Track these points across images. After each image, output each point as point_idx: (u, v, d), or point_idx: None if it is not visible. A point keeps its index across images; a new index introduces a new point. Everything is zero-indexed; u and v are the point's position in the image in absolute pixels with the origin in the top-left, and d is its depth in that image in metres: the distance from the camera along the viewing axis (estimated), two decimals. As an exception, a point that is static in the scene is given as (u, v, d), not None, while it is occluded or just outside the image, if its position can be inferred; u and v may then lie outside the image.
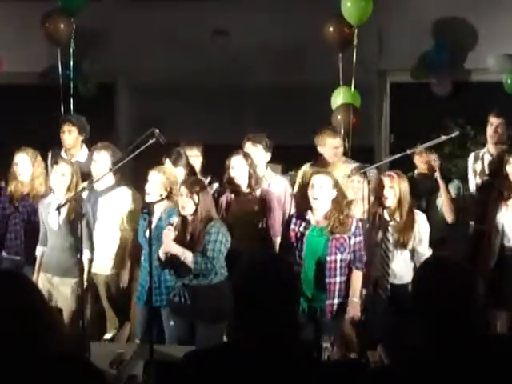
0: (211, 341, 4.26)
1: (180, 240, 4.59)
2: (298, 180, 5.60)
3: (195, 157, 5.73)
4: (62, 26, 6.83)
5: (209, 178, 5.63)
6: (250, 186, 5.22)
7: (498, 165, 5.39)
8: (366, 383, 2.35)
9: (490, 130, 5.74)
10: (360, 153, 6.21)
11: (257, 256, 2.64)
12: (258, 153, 5.53)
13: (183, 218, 4.63)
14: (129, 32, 7.50)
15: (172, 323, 4.80)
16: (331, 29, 6.46)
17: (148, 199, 4.85)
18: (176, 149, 5.47)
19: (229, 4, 7.32)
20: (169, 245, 4.56)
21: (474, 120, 6.73)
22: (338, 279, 4.72)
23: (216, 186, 5.58)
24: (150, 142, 4.73)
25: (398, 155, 5.40)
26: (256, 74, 7.35)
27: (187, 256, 4.54)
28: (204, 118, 7.38)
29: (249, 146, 5.55)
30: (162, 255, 4.62)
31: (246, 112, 7.52)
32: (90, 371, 2.16)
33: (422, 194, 5.51)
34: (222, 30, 7.55)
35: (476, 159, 5.84)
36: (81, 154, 6.18)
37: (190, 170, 5.54)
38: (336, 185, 4.80)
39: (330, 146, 5.65)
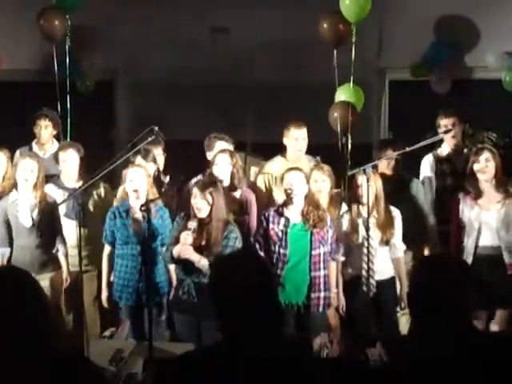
0: (218, 338, 4.25)
1: (196, 242, 4.60)
2: (268, 177, 5.65)
3: (159, 155, 5.75)
4: (57, 22, 6.80)
5: (168, 177, 5.68)
6: (232, 185, 5.22)
7: (463, 164, 5.41)
8: (366, 381, 2.36)
9: (449, 132, 5.71)
10: (359, 150, 6.22)
11: (228, 255, 2.64)
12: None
13: (199, 220, 4.61)
14: (128, 29, 7.48)
15: (163, 318, 4.82)
16: (325, 25, 6.47)
17: (137, 196, 4.88)
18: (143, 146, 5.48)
19: (229, 2, 7.30)
20: (187, 251, 4.57)
21: (473, 118, 6.73)
22: (322, 272, 4.86)
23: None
24: (150, 139, 4.74)
25: (397, 153, 5.41)
26: (256, 73, 7.33)
27: (203, 263, 4.56)
28: (203, 115, 7.38)
29: (224, 145, 5.54)
30: (175, 254, 4.62)
31: (246, 110, 7.51)
32: (90, 370, 2.16)
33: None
34: (221, 27, 7.53)
35: (439, 160, 5.84)
36: (53, 148, 6.21)
37: (156, 167, 5.57)
38: (308, 181, 4.95)
39: (293, 137, 5.67)
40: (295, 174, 4.90)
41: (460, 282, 2.29)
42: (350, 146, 6.23)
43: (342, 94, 6.37)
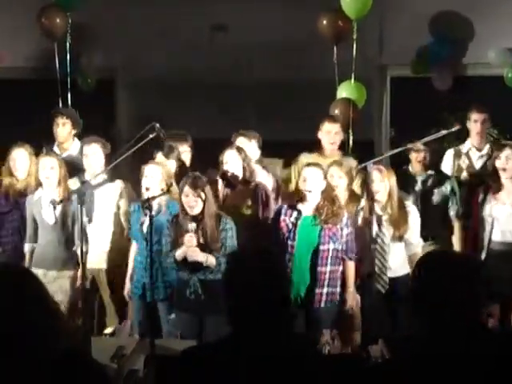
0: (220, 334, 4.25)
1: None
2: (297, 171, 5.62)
3: (185, 152, 5.74)
4: (58, 20, 6.81)
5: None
6: (244, 179, 5.21)
7: (487, 160, 5.41)
8: (367, 378, 2.35)
9: (476, 127, 5.75)
10: (360, 147, 6.21)
11: (243, 250, 2.62)
12: (252, 148, 5.56)
13: (192, 218, 4.60)
14: (129, 27, 7.48)
15: (172, 316, 4.80)
16: (325, 22, 6.47)
17: (148, 194, 4.85)
18: (167, 143, 5.45)
19: (229, 1, 7.29)
20: (195, 252, 4.56)
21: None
22: (328, 268, 4.81)
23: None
24: (151, 136, 4.73)
25: (399, 149, 5.41)
26: (256, 72, 7.33)
27: (211, 261, 4.56)
28: (203, 115, 7.38)
29: (243, 141, 5.56)
30: (179, 257, 4.61)
31: (246, 109, 7.51)
32: (91, 368, 2.15)
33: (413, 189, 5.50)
34: (221, 25, 7.52)
35: (459, 155, 5.84)
36: (73, 147, 6.14)
37: (181, 164, 5.55)
38: (325, 176, 4.89)
39: (325, 130, 5.68)
40: (312, 169, 4.84)
41: (467, 277, 2.27)
42: (351, 142, 6.23)
43: (344, 91, 6.36)
